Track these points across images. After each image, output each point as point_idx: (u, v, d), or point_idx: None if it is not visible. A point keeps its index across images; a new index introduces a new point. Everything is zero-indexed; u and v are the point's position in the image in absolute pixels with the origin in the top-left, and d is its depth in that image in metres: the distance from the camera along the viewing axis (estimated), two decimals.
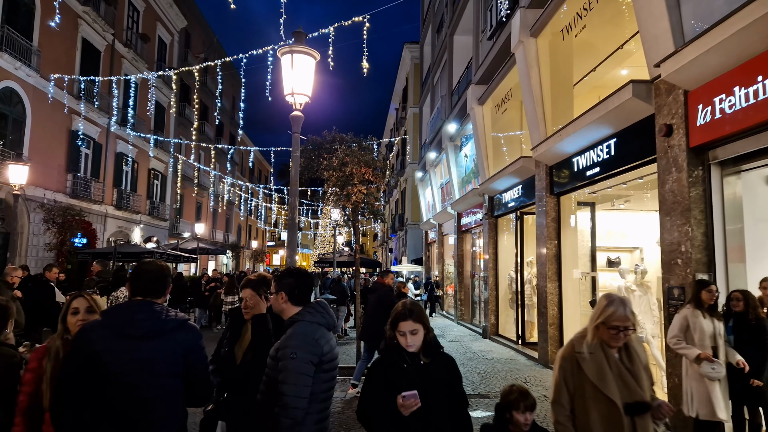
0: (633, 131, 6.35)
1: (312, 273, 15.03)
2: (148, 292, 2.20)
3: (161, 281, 2.23)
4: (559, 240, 8.91)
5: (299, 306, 2.49)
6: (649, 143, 5.92)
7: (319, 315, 2.48)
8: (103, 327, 2.07)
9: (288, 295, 2.47)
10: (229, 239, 43.14)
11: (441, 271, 20.28)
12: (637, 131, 6.25)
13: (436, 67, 20.66)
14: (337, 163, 8.57)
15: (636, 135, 6.29)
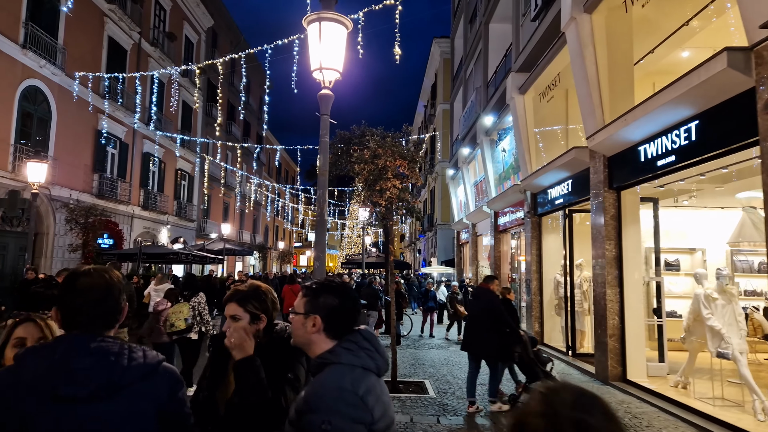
0: (722, 110, 5.33)
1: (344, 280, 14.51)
2: (90, 321, 1.38)
3: (110, 302, 1.41)
4: (619, 240, 7.88)
5: (335, 339, 1.64)
6: (747, 123, 4.91)
7: (365, 354, 1.59)
8: (21, 384, 1.26)
9: (325, 322, 1.63)
10: (256, 240, 42.99)
11: (475, 273, 19.28)
12: (729, 110, 5.22)
13: (469, 59, 19.68)
14: (368, 155, 7.77)
15: (727, 114, 5.27)
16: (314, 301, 1.65)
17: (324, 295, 1.65)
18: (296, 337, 1.68)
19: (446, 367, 9.24)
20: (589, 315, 10.22)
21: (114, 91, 19.29)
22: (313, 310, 1.63)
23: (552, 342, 11.26)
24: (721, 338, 6.06)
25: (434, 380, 8.17)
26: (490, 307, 6.44)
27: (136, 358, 1.36)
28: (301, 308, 1.67)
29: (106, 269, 1.44)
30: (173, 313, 6.61)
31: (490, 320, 6.40)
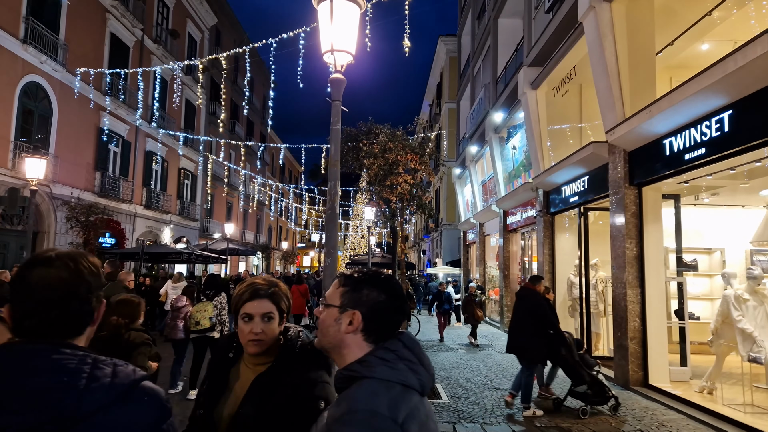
0: (760, 98, 4.98)
1: None
2: (43, 326, 1.02)
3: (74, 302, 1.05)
4: (640, 239, 7.54)
5: (373, 344, 1.28)
6: None
7: (405, 366, 1.22)
8: None
9: (366, 320, 1.27)
10: (260, 240, 42.75)
11: (482, 273, 18.93)
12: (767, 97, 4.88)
13: (477, 56, 19.34)
14: (378, 149, 7.46)
15: (765, 102, 4.92)
16: (355, 294, 1.30)
17: (368, 287, 1.30)
18: (325, 336, 1.31)
19: (458, 371, 8.92)
20: (604, 317, 9.87)
21: (116, 88, 19.05)
22: (353, 304, 1.28)
23: None
24: (753, 341, 5.71)
25: (446, 384, 7.84)
26: (534, 309, 6.33)
27: (99, 378, 0.98)
28: (337, 299, 1.30)
29: (76, 255, 1.08)
30: (198, 311, 6.64)
31: (533, 322, 6.29)
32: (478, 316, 12.17)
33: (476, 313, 12.16)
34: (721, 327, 6.37)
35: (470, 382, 8.04)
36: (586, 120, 11.30)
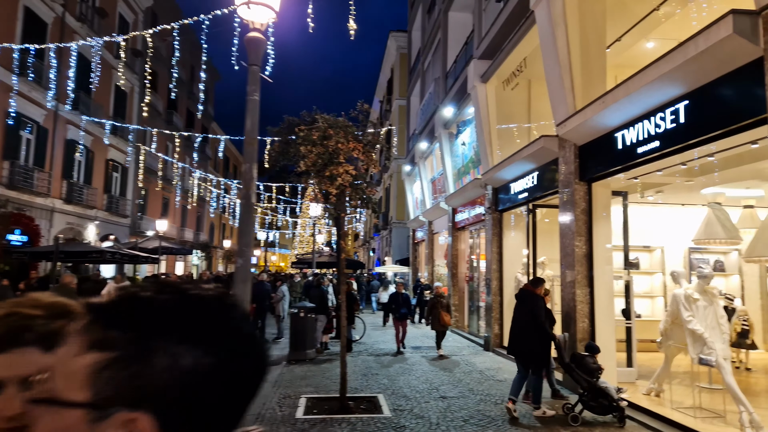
0: (719, 87, 4.72)
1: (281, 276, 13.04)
2: None
3: None
4: (590, 236, 7.27)
5: None
6: (750, 100, 4.32)
7: None
8: None
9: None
10: (200, 238, 40.67)
11: (431, 272, 18.60)
12: (728, 86, 4.62)
13: (427, 51, 18.98)
14: (317, 136, 6.75)
15: (724, 92, 4.66)
16: (134, 363, 0.51)
17: (170, 338, 0.53)
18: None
19: (403, 377, 8.37)
20: None
21: (27, 68, 17.07)
22: (129, 395, 0.51)
23: None
24: (703, 343, 5.50)
25: (389, 394, 7.26)
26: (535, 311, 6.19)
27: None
28: (77, 384, 0.52)
29: None
30: None
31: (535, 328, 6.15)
32: (444, 321, 10.40)
33: (442, 317, 10.39)
34: (670, 328, 6.17)
35: (416, 390, 7.50)
36: (535, 117, 11.09)
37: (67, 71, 18.96)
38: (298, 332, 10.09)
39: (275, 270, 52.24)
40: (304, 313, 10.10)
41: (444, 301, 10.66)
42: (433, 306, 10.65)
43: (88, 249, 17.21)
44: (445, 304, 10.59)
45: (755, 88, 4.22)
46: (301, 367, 9.34)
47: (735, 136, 4.71)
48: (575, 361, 5.77)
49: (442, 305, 10.53)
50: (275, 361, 9.78)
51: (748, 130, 4.48)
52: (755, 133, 4.56)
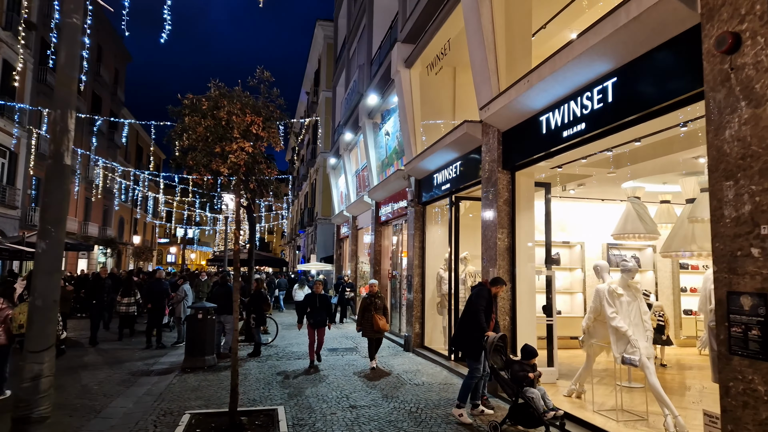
0: (650, 60, 4.29)
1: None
2: None
3: None
4: (513, 229, 6.80)
5: None
6: (684, 73, 3.91)
7: None
8: None
9: None
10: (107, 234, 37.15)
11: (354, 270, 17.82)
12: (659, 58, 4.19)
13: (353, 38, 18.16)
14: (207, 105, 5.70)
15: (656, 66, 4.24)
16: None
17: None
18: None
19: (311, 385, 7.48)
20: None
21: None
22: None
23: (433, 344, 10.10)
24: (627, 341, 5.14)
25: (292, 406, 6.35)
26: (473, 298, 5.75)
27: None
28: None
29: None
30: (21, 313, 6.20)
31: (470, 318, 5.75)
32: (379, 326, 8.48)
33: (377, 322, 8.49)
34: (593, 325, 5.79)
35: (322, 400, 6.65)
36: (460, 106, 10.62)
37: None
38: (196, 336, 8.88)
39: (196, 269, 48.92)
40: (202, 315, 8.91)
41: (379, 302, 8.80)
42: (366, 308, 8.74)
43: None
44: (380, 306, 8.77)
45: (691, 59, 3.80)
46: (196, 376, 8.17)
47: (666, 115, 4.30)
48: (506, 365, 5.20)
49: (377, 307, 8.71)
50: (166, 371, 8.53)
51: (683, 107, 4.07)
52: (689, 112, 4.17)
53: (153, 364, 9.19)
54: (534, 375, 5.03)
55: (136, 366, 8.95)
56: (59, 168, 2.63)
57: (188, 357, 8.87)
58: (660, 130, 4.83)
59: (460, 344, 5.80)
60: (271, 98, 6.04)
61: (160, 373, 8.36)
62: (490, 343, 5.26)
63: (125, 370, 8.63)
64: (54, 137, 2.60)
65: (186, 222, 46.75)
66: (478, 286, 5.85)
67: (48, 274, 2.65)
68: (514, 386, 5.02)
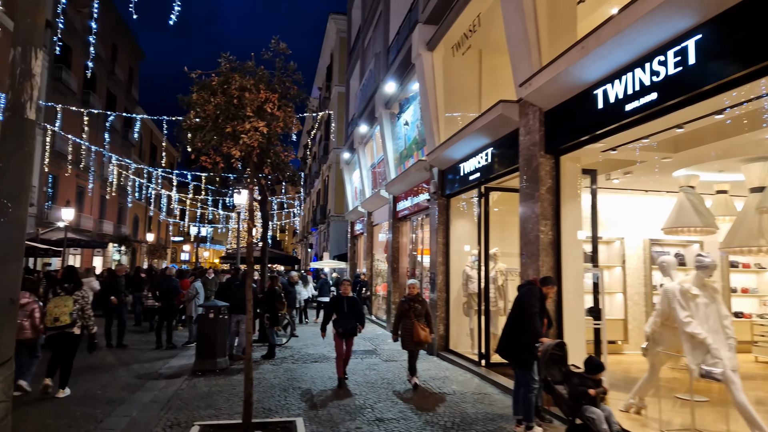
0: (748, 11, 3.53)
1: None
2: None
3: None
4: (557, 221, 6.06)
5: None
6: None
7: None
8: None
9: None
10: (122, 231, 36.98)
11: (370, 267, 17.14)
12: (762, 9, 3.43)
13: (368, 27, 17.47)
14: (217, 81, 5.06)
15: (756, 17, 3.47)
16: None
17: None
18: None
19: (331, 394, 6.79)
20: (504, 315, 8.47)
21: None
22: None
23: (459, 348, 9.38)
24: (706, 350, 4.37)
25: (311, 417, 5.70)
26: (525, 299, 5.03)
27: None
28: None
29: None
30: (56, 307, 6.36)
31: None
32: (420, 337, 6.99)
33: (418, 331, 6.98)
34: (659, 330, 5.03)
35: (344, 411, 5.98)
36: (486, 91, 9.86)
37: None
38: (206, 337, 8.28)
39: (210, 267, 48.56)
40: (214, 314, 8.31)
41: (420, 308, 7.18)
42: (403, 314, 7.18)
43: None
44: (421, 312, 7.17)
45: None
46: (207, 380, 7.57)
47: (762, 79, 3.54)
48: (564, 378, 4.46)
49: (418, 313, 7.12)
50: (175, 374, 7.94)
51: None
52: None
53: (162, 366, 8.61)
54: (597, 392, 4.29)
55: (144, 368, 8.38)
56: (19, 123, 2.00)
57: (199, 359, 8.28)
58: (752, 98, 4.04)
59: (509, 351, 5.04)
60: (288, 73, 5.39)
61: (169, 377, 7.77)
62: (544, 351, 4.53)
63: (132, 372, 8.06)
64: (13, 83, 1.97)
65: (199, 220, 46.53)
66: (526, 284, 5.12)
67: (2, 263, 2.02)
68: (572, 404, 4.29)
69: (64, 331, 6.36)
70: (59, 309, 6.34)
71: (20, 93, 2.06)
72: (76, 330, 6.47)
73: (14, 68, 2.04)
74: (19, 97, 2.05)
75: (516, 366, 5.02)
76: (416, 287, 7.42)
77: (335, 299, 7.80)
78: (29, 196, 2.18)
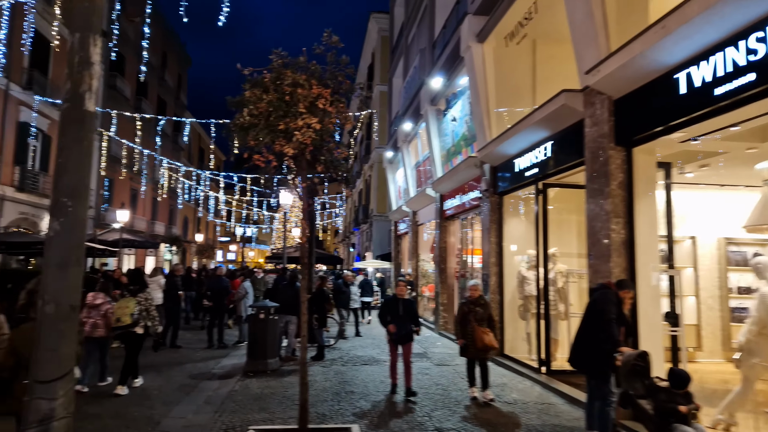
0: None
1: None
2: None
3: None
4: (630, 218, 5.58)
5: None
6: None
7: None
8: None
9: None
10: (173, 232, 38.31)
11: (415, 268, 16.86)
12: None
13: (412, 23, 17.19)
14: (269, 78, 4.93)
15: None
16: None
17: None
18: None
19: (384, 400, 6.57)
20: (565, 319, 8.01)
21: None
22: None
23: (515, 353, 8.96)
24: None
25: (366, 424, 5.49)
26: (600, 304, 4.58)
27: None
28: None
29: None
30: (119, 308, 6.69)
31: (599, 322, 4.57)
32: (485, 342, 6.23)
33: (481, 337, 6.23)
34: (755, 340, 4.51)
35: (400, 418, 5.74)
36: (541, 84, 9.36)
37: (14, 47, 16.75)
38: (257, 338, 8.26)
39: (254, 266, 49.52)
40: (264, 315, 8.27)
41: (481, 311, 6.43)
42: (464, 318, 6.44)
43: (31, 240, 15.14)
44: (484, 316, 6.43)
45: None
46: (258, 381, 7.52)
47: None
48: (648, 393, 4.04)
49: (479, 317, 6.37)
50: (227, 374, 7.95)
51: None
52: None
53: (214, 366, 8.66)
54: (688, 408, 3.85)
55: (197, 368, 8.45)
56: (79, 115, 1.86)
57: (250, 360, 8.27)
58: None
59: (584, 360, 4.64)
60: (340, 67, 5.20)
61: (222, 377, 7.79)
62: (625, 362, 4.12)
63: (186, 372, 8.13)
64: (71, 72, 1.84)
65: (244, 221, 47.63)
66: (600, 288, 4.70)
67: (61, 267, 1.89)
68: (660, 421, 3.87)
69: (127, 330, 6.70)
70: (121, 310, 6.67)
71: (79, 82, 1.94)
72: (138, 330, 6.75)
73: (72, 56, 1.92)
74: (78, 87, 1.92)
75: (591, 377, 4.61)
76: (478, 289, 6.71)
77: (390, 301, 7.24)
78: (89, 195, 2.07)
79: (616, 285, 4.66)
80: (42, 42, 19.07)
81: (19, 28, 16.05)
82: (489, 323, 6.47)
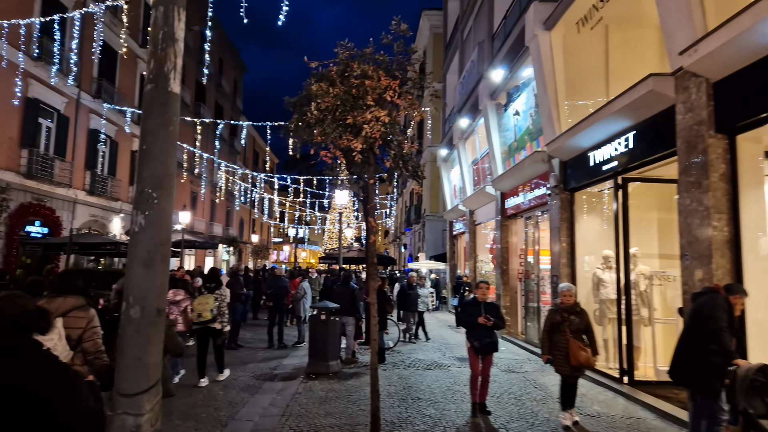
0: None
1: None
2: None
3: None
4: (734, 214, 4.97)
5: None
6: None
7: None
8: None
9: None
10: (229, 233, 39.56)
11: (473, 269, 16.37)
12: None
13: (468, 17, 16.71)
14: (336, 71, 4.74)
15: None
16: None
17: None
18: None
19: (455, 408, 6.24)
20: (649, 325, 7.36)
21: (48, 53, 15.81)
22: None
23: None
24: None
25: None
26: (708, 310, 4.02)
27: None
28: None
29: None
30: (199, 304, 6.97)
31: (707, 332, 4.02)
32: (579, 360, 5.26)
33: (574, 352, 5.25)
34: None
35: (474, 428, 5.40)
36: (615, 72, 8.71)
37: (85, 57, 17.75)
38: (318, 339, 8.15)
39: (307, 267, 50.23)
40: (325, 316, 8.15)
41: (576, 321, 5.40)
42: (555, 328, 5.47)
43: (101, 241, 15.92)
44: (580, 326, 5.42)
45: None
46: (321, 383, 7.40)
47: None
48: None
49: (575, 327, 5.38)
50: (290, 376, 7.88)
51: None
52: None
53: (276, 366, 8.64)
54: None
55: (259, 368, 8.46)
56: (163, 97, 1.68)
57: (312, 361, 8.17)
58: None
59: (688, 374, 4.13)
60: (409, 57, 4.94)
61: (284, 378, 7.73)
62: (741, 376, 3.60)
63: (249, 372, 8.15)
64: (155, 50, 1.66)
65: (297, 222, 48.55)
66: (707, 292, 4.16)
67: (147, 266, 1.72)
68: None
69: (207, 326, 7.01)
70: (202, 306, 6.95)
71: (163, 61, 1.79)
72: (217, 325, 7.05)
73: (155, 32, 1.77)
74: (162, 66, 1.77)
75: (698, 392, 4.09)
76: (572, 294, 5.57)
77: (470, 305, 6.24)
78: (174, 185, 1.92)
79: (726, 289, 4.11)
80: (109, 52, 20.08)
81: (88, 39, 16.95)
82: (587, 334, 5.47)
